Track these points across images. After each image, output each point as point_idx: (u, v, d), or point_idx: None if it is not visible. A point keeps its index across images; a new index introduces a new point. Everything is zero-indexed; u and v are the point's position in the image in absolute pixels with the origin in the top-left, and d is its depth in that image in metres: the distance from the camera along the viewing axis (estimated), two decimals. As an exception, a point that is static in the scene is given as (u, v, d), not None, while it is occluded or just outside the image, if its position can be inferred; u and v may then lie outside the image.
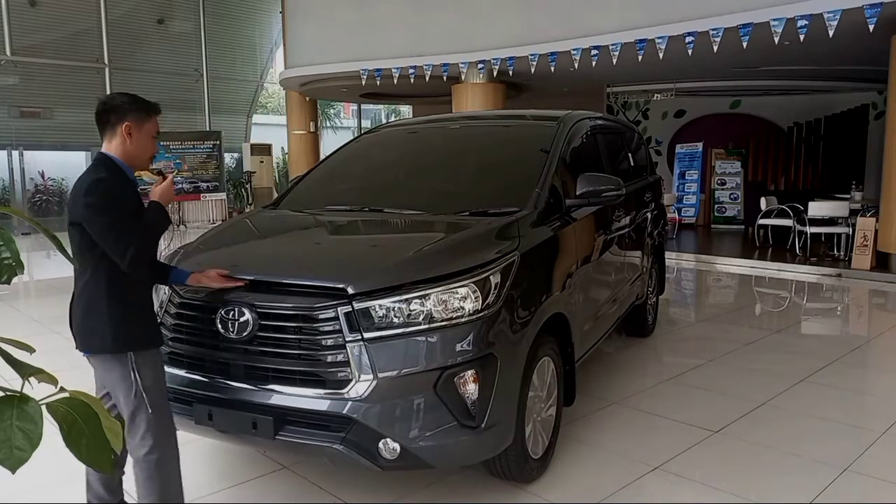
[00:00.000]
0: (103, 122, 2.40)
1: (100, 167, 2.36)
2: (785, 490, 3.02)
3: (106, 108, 2.40)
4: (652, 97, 14.10)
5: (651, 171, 5.92)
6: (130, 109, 2.40)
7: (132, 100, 2.43)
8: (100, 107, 2.41)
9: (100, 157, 2.39)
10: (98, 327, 2.31)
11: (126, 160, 2.41)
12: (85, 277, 2.34)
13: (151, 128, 2.46)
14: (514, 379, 2.73)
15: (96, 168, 2.36)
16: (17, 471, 1.01)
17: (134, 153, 2.42)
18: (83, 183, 2.31)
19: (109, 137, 2.40)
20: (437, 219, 3.32)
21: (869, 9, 7.45)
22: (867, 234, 8.62)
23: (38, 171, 17.61)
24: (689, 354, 5.15)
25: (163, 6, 17.97)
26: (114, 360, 2.31)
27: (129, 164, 2.42)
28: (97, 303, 2.32)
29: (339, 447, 2.49)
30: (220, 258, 3.02)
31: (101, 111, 2.40)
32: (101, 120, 2.41)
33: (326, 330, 2.51)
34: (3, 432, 1.00)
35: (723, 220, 13.76)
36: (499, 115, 6.36)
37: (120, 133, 2.38)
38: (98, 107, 2.41)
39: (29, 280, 8.84)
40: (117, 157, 2.40)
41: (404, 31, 11.88)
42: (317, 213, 3.63)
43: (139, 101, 2.44)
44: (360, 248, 3.19)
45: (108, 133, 2.40)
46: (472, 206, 3.30)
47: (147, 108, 2.45)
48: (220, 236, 3.48)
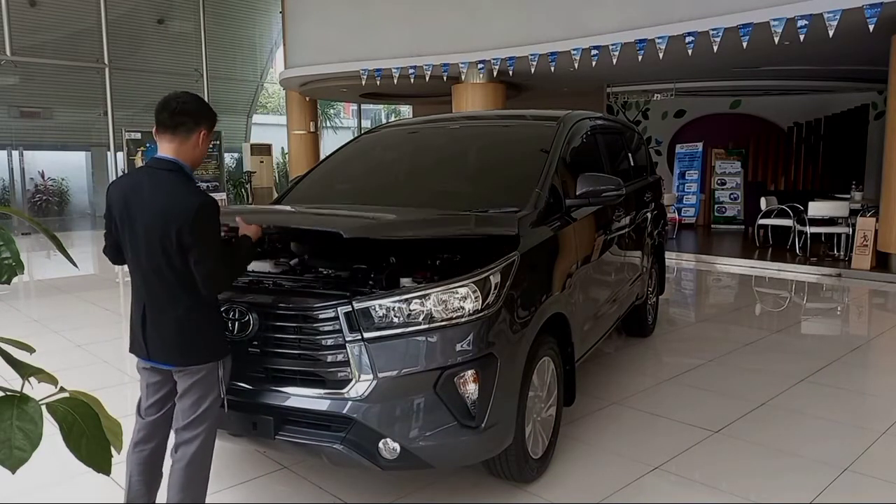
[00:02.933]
0: (178, 122, 2.30)
1: (188, 182, 2.30)
2: (785, 490, 3.02)
3: (184, 108, 2.31)
4: (652, 97, 14.10)
5: (651, 171, 5.92)
6: (206, 115, 2.36)
7: (206, 106, 2.39)
8: (176, 105, 2.31)
9: (173, 165, 2.30)
10: (194, 341, 2.33)
11: (190, 164, 2.36)
12: (176, 295, 2.28)
13: (211, 137, 2.45)
14: (514, 379, 2.73)
15: (186, 183, 2.28)
16: (17, 471, 1.01)
17: (198, 159, 2.38)
18: (187, 203, 2.20)
19: (181, 141, 2.31)
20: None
21: (869, 9, 7.45)
22: (867, 234, 8.62)
23: (38, 171, 17.62)
24: (688, 354, 5.15)
25: (163, 6, 17.97)
26: (205, 367, 2.35)
27: (191, 167, 2.37)
28: (191, 318, 2.31)
29: (339, 447, 2.49)
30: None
31: (177, 111, 2.30)
32: (176, 121, 2.30)
33: (326, 330, 2.52)
34: (3, 432, 1.00)
35: (723, 220, 13.76)
36: (499, 115, 6.35)
37: (194, 139, 2.33)
38: (172, 104, 2.31)
39: (29, 280, 8.84)
40: (186, 163, 2.33)
41: (404, 31, 11.88)
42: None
43: (210, 108, 2.42)
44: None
45: (181, 136, 2.31)
46: (472, 206, 3.30)
47: (215, 118, 2.44)
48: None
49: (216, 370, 2.39)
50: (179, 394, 2.41)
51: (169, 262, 2.25)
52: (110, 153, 16.48)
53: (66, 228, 15.99)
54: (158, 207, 2.24)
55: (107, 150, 16.61)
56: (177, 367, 2.36)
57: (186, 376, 2.37)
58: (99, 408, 1.15)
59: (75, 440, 1.07)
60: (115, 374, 4.70)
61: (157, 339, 2.34)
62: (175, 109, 2.31)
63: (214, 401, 2.41)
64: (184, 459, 2.39)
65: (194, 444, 2.38)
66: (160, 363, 2.39)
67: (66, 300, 7.56)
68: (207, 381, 2.38)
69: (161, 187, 2.27)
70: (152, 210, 2.25)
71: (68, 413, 1.08)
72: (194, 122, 2.33)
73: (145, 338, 2.36)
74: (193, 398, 2.38)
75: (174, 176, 2.29)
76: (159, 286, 2.30)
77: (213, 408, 2.41)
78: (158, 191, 2.26)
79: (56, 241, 1.26)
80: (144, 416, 2.53)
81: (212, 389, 2.39)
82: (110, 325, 6.32)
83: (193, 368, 2.35)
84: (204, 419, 2.39)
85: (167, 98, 2.34)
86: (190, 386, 2.38)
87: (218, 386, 2.41)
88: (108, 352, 5.20)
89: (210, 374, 2.38)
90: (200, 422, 2.39)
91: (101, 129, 16.53)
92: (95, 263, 11.10)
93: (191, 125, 2.32)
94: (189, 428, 2.39)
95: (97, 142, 17.20)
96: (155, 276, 2.29)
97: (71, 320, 6.40)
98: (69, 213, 18.50)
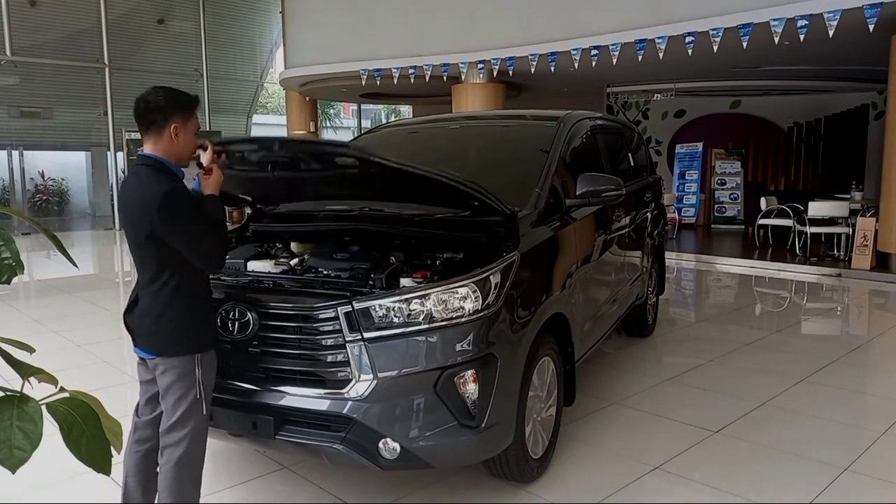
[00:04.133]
0: (148, 122, 2.31)
1: (160, 174, 2.29)
2: (785, 490, 3.02)
3: (150, 107, 2.30)
4: (652, 97, 14.11)
5: (651, 171, 5.92)
6: (176, 108, 2.32)
7: (175, 97, 2.34)
8: (142, 105, 2.30)
9: (151, 160, 2.32)
10: (170, 330, 2.34)
11: (174, 160, 2.35)
12: (158, 284, 2.32)
13: (194, 124, 2.39)
14: (514, 379, 2.73)
15: (156, 175, 2.28)
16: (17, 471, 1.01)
17: (180, 152, 2.36)
18: (152, 194, 2.22)
19: (155, 139, 2.32)
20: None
21: (869, 9, 7.45)
22: (867, 234, 8.62)
23: (38, 171, 17.63)
24: (689, 354, 5.15)
25: (163, 6, 17.96)
26: (179, 362, 2.34)
27: (176, 162, 2.37)
28: (171, 307, 2.32)
29: (340, 447, 2.49)
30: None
31: (144, 110, 2.30)
32: (147, 120, 2.31)
33: (326, 330, 2.52)
34: (3, 432, 1.01)
35: (723, 220, 13.76)
36: (499, 115, 6.35)
37: (168, 134, 2.31)
38: (140, 105, 2.31)
39: (29, 280, 8.84)
40: (166, 158, 2.33)
41: (404, 31, 11.88)
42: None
43: (182, 98, 2.35)
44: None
45: (154, 134, 2.32)
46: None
47: (190, 105, 2.37)
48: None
49: (193, 370, 2.35)
50: (161, 393, 2.40)
51: (149, 252, 2.29)
52: (110, 153, 16.48)
53: (66, 228, 16.00)
54: (134, 201, 2.29)
55: (107, 150, 16.59)
56: (153, 357, 2.37)
57: (165, 374, 2.36)
58: (99, 408, 1.15)
59: (75, 440, 1.07)
60: (115, 374, 4.70)
61: (142, 325, 2.39)
62: (141, 109, 2.32)
63: (194, 402, 2.36)
64: (170, 462, 2.37)
65: (180, 448, 2.35)
66: (142, 350, 2.40)
67: (66, 300, 7.56)
68: (185, 382, 2.35)
69: (139, 182, 2.31)
70: (131, 203, 2.31)
71: (68, 413, 1.08)
72: (163, 118, 2.31)
73: (131, 326, 2.42)
74: (173, 399, 2.36)
75: (150, 171, 2.31)
76: (144, 275, 2.36)
77: (194, 409, 2.36)
78: (137, 186, 2.31)
79: (56, 241, 1.27)
80: (140, 415, 2.55)
81: (190, 389, 2.35)
82: (110, 325, 6.32)
83: (170, 362, 2.34)
84: (185, 421, 2.35)
85: (136, 99, 2.34)
86: (169, 385, 2.36)
87: (196, 387, 2.36)
88: (108, 352, 5.20)
89: (186, 375, 2.34)
90: (182, 424, 2.36)
91: (101, 129, 16.53)
92: (95, 263, 11.11)
93: (160, 121, 2.31)
94: (172, 431, 2.36)
95: (97, 142, 17.20)
96: (141, 266, 2.35)
97: (71, 320, 6.40)
98: (69, 213, 18.52)
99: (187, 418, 2.36)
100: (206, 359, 2.39)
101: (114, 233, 15.12)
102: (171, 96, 2.34)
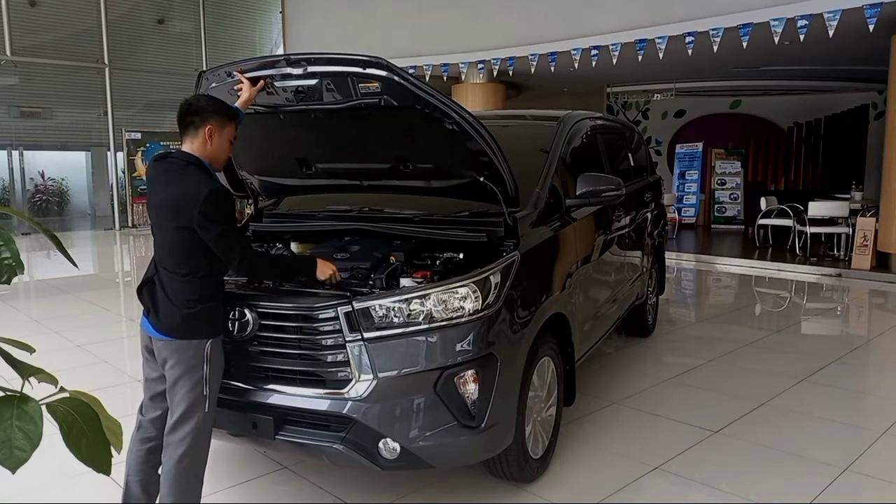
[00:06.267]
0: (187, 122, 2.45)
1: (205, 173, 2.41)
2: (785, 490, 3.02)
3: (191, 109, 2.45)
4: (652, 97, 14.11)
5: (651, 171, 5.92)
6: (213, 112, 2.45)
7: (215, 103, 2.50)
8: (184, 107, 2.47)
9: (192, 159, 2.43)
10: (187, 315, 2.38)
11: (209, 160, 2.46)
12: (182, 272, 2.39)
13: (230, 132, 2.52)
14: (514, 379, 2.73)
15: (203, 174, 2.40)
16: (17, 471, 1.01)
17: (213, 155, 2.48)
18: (197, 189, 2.33)
19: (192, 138, 2.45)
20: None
21: (869, 9, 7.45)
22: (867, 234, 8.62)
23: (38, 171, 17.61)
24: (689, 354, 5.15)
25: (163, 6, 17.95)
26: (193, 352, 2.39)
27: (211, 164, 2.48)
28: (191, 294, 2.39)
29: (340, 447, 2.49)
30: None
31: (185, 111, 2.46)
32: (185, 121, 2.45)
33: (326, 330, 2.52)
34: (3, 432, 1.00)
35: (723, 220, 13.76)
36: (499, 115, 6.35)
37: (203, 134, 2.44)
38: (182, 107, 2.47)
39: (29, 280, 8.83)
40: (203, 159, 2.45)
41: (404, 30, 11.88)
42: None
43: (221, 105, 2.50)
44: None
45: (191, 134, 2.45)
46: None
47: (228, 113, 2.51)
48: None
49: (202, 366, 2.39)
50: (168, 388, 2.43)
51: (183, 241, 2.36)
52: (110, 153, 16.48)
53: (66, 228, 15.99)
54: (177, 190, 2.37)
55: (107, 150, 16.59)
56: (169, 338, 2.40)
57: (174, 367, 2.38)
58: (99, 408, 1.15)
59: (75, 440, 1.07)
60: (115, 374, 4.70)
61: (160, 306, 2.42)
62: (182, 111, 2.47)
63: (200, 398, 2.40)
64: (173, 459, 2.39)
65: (183, 445, 2.39)
66: (158, 332, 2.42)
67: (66, 300, 7.55)
68: (193, 377, 2.38)
69: (187, 175, 2.39)
70: (173, 192, 2.37)
71: (68, 413, 1.08)
72: (201, 119, 2.44)
73: (152, 301, 2.45)
74: (180, 393, 2.39)
75: (196, 168, 2.41)
76: (170, 260, 2.41)
77: (198, 406, 2.40)
78: (184, 178, 2.38)
79: (56, 241, 1.26)
80: (144, 413, 2.57)
81: (197, 385, 2.39)
82: (110, 325, 6.32)
83: (181, 354, 2.38)
84: (190, 418, 2.39)
85: (181, 102, 2.50)
86: (176, 378, 2.39)
87: (203, 384, 2.40)
88: (108, 352, 5.20)
89: (195, 370, 2.38)
90: (187, 420, 2.38)
91: (101, 129, 16.52)
92: (95, 263, 11.11)
93: (197, 122, 2.44)
94: (176, 427, 2.39)
95: (97, 142, 17.18)
96: (168, 251, 2.41)
97: (71, 320, 6.40)
98: (69, 213, 18.50)
99: (192, 414, 2.39)
100: (215, 355, 2.43)
101: (114, 233, 15.13)
102: (212, 101, 2.51)
